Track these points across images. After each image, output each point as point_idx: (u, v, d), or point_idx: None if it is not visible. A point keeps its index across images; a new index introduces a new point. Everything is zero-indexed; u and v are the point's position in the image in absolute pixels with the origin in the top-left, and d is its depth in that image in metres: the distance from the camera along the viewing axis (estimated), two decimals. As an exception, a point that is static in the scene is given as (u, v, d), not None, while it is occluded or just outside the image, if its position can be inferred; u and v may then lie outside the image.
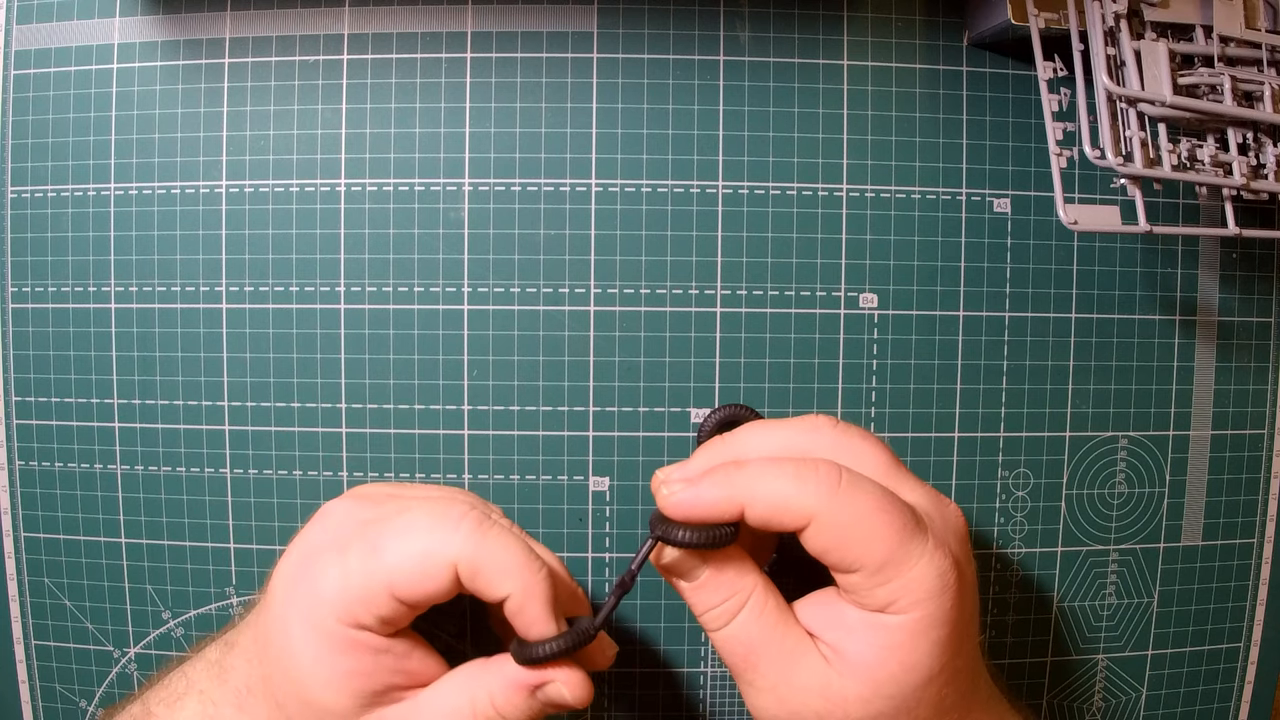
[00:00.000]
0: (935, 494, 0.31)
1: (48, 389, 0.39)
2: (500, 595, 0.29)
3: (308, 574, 0.29)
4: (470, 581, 0.28)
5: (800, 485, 0.28)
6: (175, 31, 0.39)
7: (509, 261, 0.39)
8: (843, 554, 0.28)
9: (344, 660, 0.29)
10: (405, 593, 0.28)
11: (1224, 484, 0.41)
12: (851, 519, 0.28)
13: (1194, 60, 0.35)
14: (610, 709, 0.40)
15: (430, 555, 0.28)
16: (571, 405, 0.39)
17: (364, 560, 0.28)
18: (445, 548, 0.28)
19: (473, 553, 0.28)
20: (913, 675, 0.28)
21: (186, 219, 0.39)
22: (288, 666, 0.29)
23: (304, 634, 0.29)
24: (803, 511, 0.28)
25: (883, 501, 0.28)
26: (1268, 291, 0.41)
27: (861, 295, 0.39)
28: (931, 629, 0.28)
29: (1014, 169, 0.39)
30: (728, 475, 0.29)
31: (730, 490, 0.28)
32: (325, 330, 0.39)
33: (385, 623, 0.29)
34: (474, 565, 0.28)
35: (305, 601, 0.29)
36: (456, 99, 0.38)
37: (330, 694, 0.29)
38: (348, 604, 0.28)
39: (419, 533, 0.29)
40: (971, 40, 0.39)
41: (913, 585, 0.28)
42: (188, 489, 0.39)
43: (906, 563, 0.28)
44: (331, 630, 0.28)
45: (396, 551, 0.28)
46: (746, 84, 0.39)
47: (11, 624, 0.40)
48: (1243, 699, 0.42)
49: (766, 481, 0.28)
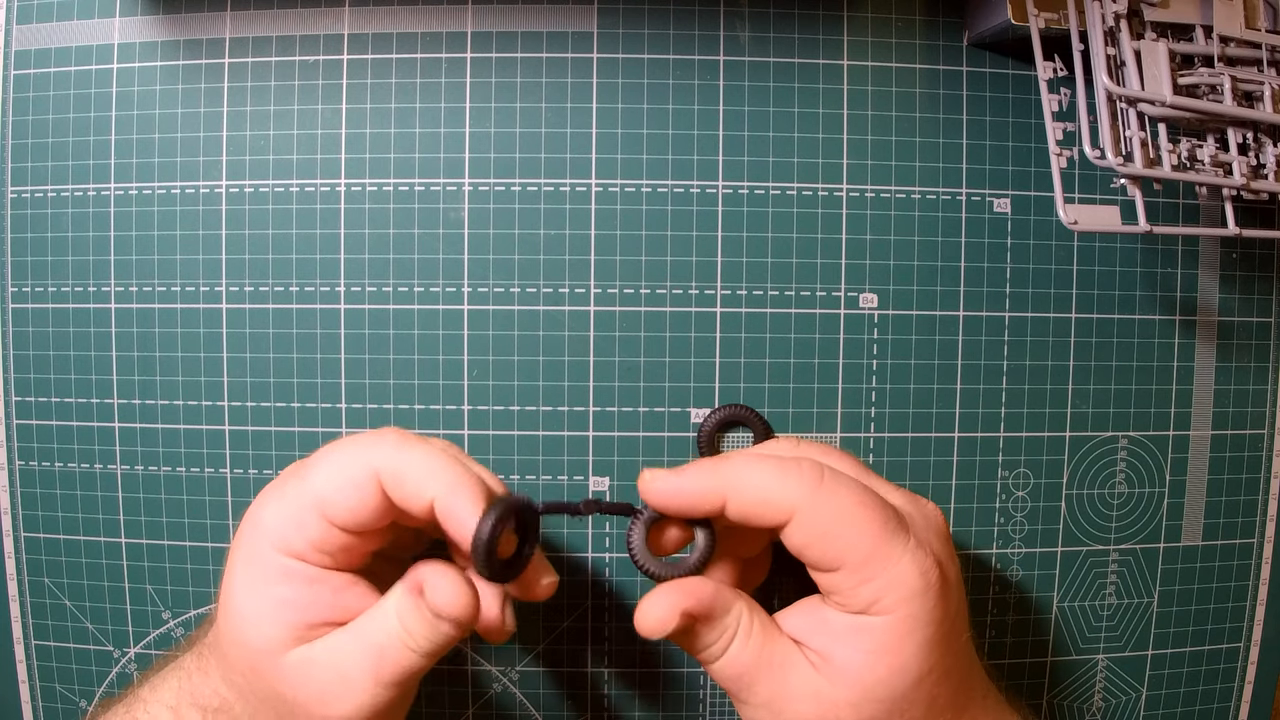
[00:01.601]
0: (912, 495, 0.32)
1: (48, 389, 0.39)
2: (426, 499, 0.28)
3: (250, 518, 0.30)
4: (396, 490, 0.28)
5: (783, 479, 0.28)
6: (175, 31, 0.39)
7: (509, 261, 0.39)
8: (824, 550, 0.28)
9: (276, 589, 0.29)
10: (333, 509, 0.28)
11: (1224, 484, 0.41)
12: (833, 514, 0.28)
13: (1194, 60, 0.35)
14: (611, 709, 0.40)
15: (352, 466, 0.28)
16: (571, 405, 0.39)
17: (295, 486, 0.29)
18: (367, 458, 0.28)
19: (394, 459, 0.28)
20: (901, 677, 0.28)
21: (186, 219, 0.39)
22: (229, 609, 0.29)
23: (245, 570, 0.29)
24: (785, 505, 0.28)
25: (864, 497, 0.28)
26: (1268, 291, 0.41)
27: (861, 295, 0.39)
28: (917, 629, 0.28)
29: (1014, 169, 0.39)
30: (712, 467, 0.29)
31: (713, 481, 0.29)
32: (325, 330, 0.39)
33: (319, 550, 0.29)
34: (396, 472, 0.28)
35: (247, 539, 0.29)
36: (456, 99, 0.38)
37: (262, 628, 0.29)
38: (281, 530, 0.29)
39: (343, 450, 0.29)
40: (971, 40, 0.39)
41: (895, 583, 0.28)
42: (188, 489, 0.39)
43: (889, 560, 0.28)
44: (267, 559, 0.29)
45: (322, 470, 0.29)
46: (746, 84, 0.39)
47: (11, 624, 0.40)
48: (1243, 699, 0.42)
49: (749, 474, 0.28)
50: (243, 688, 0.30)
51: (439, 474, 0.28)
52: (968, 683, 0.31)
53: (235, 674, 0.30)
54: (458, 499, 0.28)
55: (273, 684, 0.29)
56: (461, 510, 0.28)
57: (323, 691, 0.28)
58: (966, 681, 0.31)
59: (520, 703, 0.40)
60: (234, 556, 0.30)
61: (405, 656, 0.28)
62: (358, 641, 0.29)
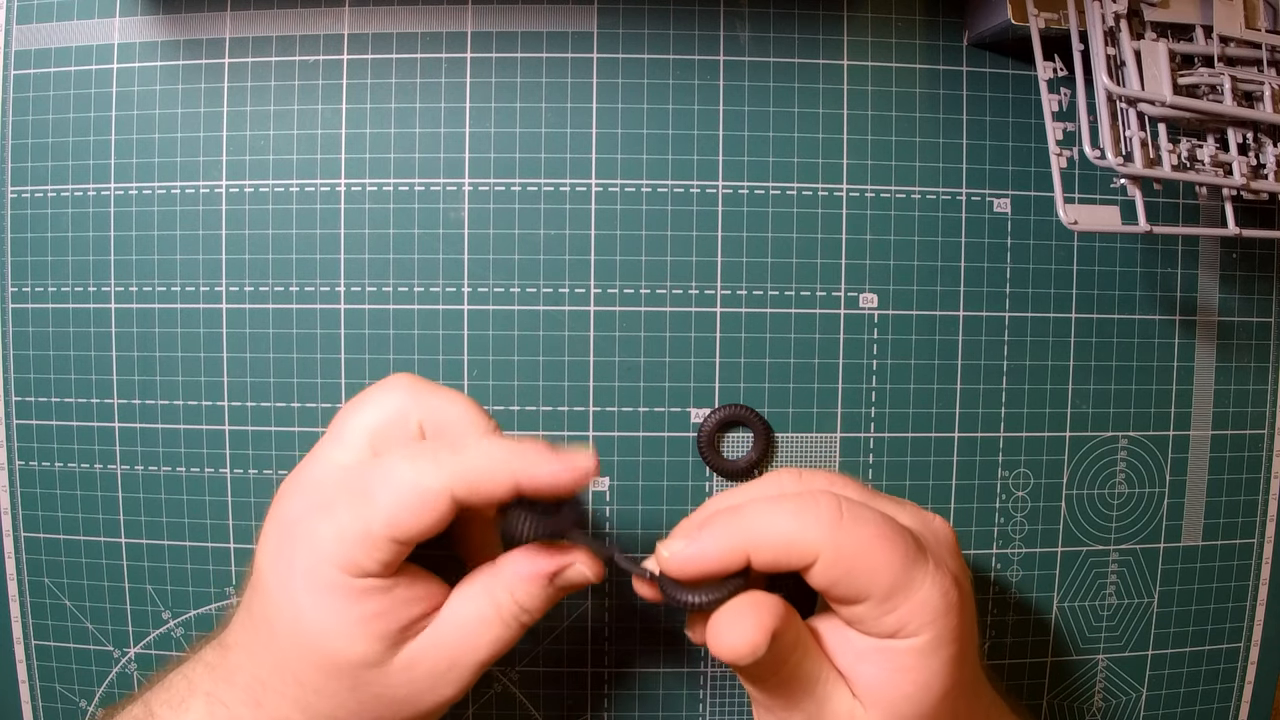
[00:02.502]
0: (918, 509, 0.31)
1: (48, 389, 0.39)
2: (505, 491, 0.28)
3: (298, 542, 0.29)
4: (473, 497, 0.28)
5: (802, 521, 0.28)
6: (175, 31, 0.39)
7: (509, 261, 0.39)
8: (849, 587, 0.27)
9: (359, 606, 0.28)
10: (406, 531, 0.28)
11: (1224, 484, 0.41)
12: (855, 551, 0.27)
13: (1194, 60, 0.35)
14: (610, 709, 0.40)
15: (423, 487, 0.28)
16: (571, 405, 0.39)
17: (357, 509, 0.28)
18: (437, 477, 0.28)
19: (462, 472, 0.28)
20: (927, 694, 0.28)
21: (186, 219, 0.39)
22: (302, 638, 0.29)
23: (312, 597, 0.28)
24: (809, 549, 0.27)
25: (884, 530, 0.28)
26: (1268, 291, 0.41)
27: (861, 295, 0.39)
28: (941, 648, 0.28)
29: (1014, 169, 0.39)
30: (726, 523, 0.28)
31: (731, 539, 0.28)
32: (325, 330, 0.39)
33: (386, 565, 0.28)
34: (468, 483, 0.28)
35: (304, 565, 0.29)
36: (456, 99, 0.38)
37: (357, 645, 0.28)
38: (349, 553, 0.28)
39: (404, 472, 0.28)
40: (971, 40, 0.39)
41: (919, 609, 0.27)
42: (188, 489, 0.39)
43: (911, 587, 0.27)
44: (338, 582, 0.28)
45: (389, 497, 0.28)
46: (746, 84, 0.39)
47: (11, 624, 0.40)
48: (1243, 699, 0.42)
49: (767, 522, 0.28)
50: (330, 709, 0.29)
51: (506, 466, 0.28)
52: (977, 691, 0.31)
53: (317, 696, 0.29)
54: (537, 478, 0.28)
55: (379, 691, 0.29)
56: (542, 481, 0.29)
57: (433, 681, 0.29)
58: (976, 690, 0.31)
59: (520, 703, 0.40)
60: (291, 588, 0.29)
61: (517, 633, 0.30)
62: (466, 629, 0.29)
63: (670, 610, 0.39)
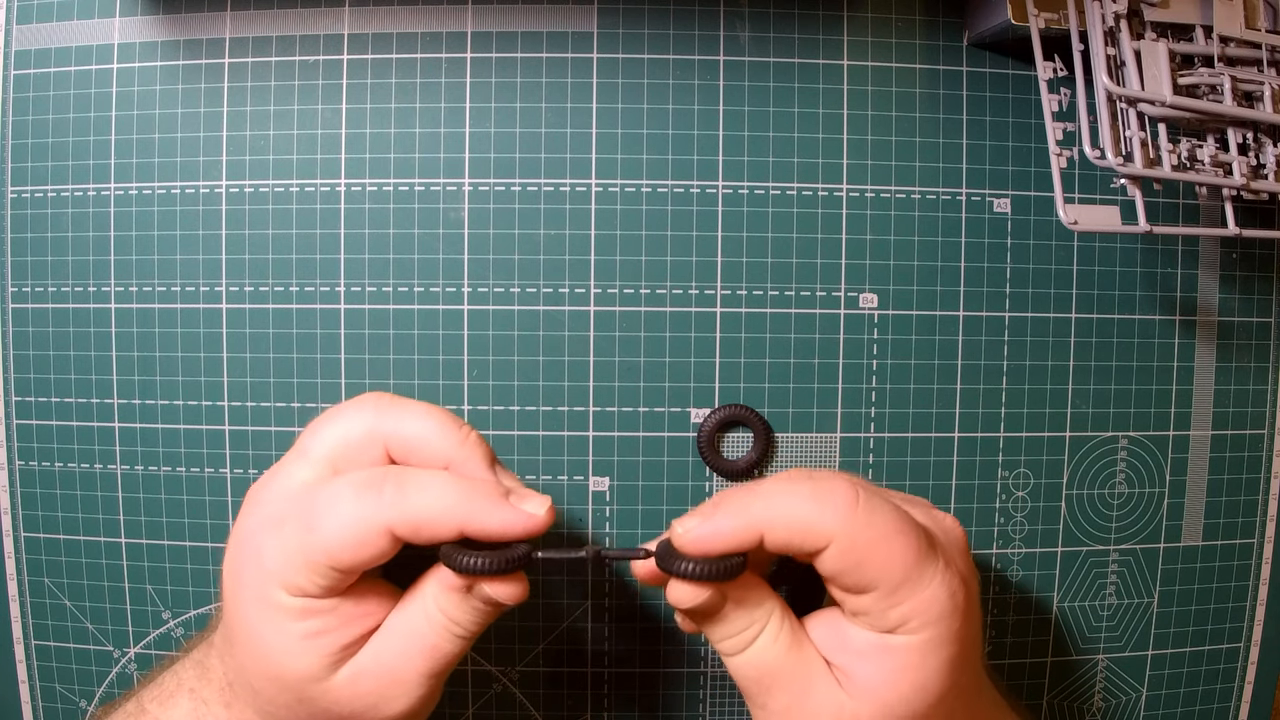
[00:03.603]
0: (929, 507, 0.31)
1: (48, 389, 0.39)
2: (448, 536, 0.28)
3: (249, 555, 0.29)
4: (415, 538, 0.28)
5: (819, 506, 0.27)
6: (175, 31, 0.39)
7: (509, 261, 0.39)
8: (859, 576, 0.27)
9: (301, 624, 0.29)
10: (344, 562, 0.28)
11: (1224, 484, 0.41)
12: (869, 541, 0.27)
13: (1194, 60, 0.35)
14: (610, 709, 0.40)
15: (364, 524, 0.28)
16: (571, 405, 0.39)
17: (300, 536, 0.28)
18: (377, 515, 0.28)
19: (404, 511, 0.28)
20: (923, 695, 0.28)
21: (186, 219, 0.39)
22: (253, 648, 0.29)
23: (259, 611, 0.29)
24: (823, 534, 0.27)
25: (900, 523, 0.28)
26: (1268, 291, 0.41)
27: (861, 295, 0.39)
28: (941, 648, 0.28)
29: (1014, 169, 0.39)
30: (743, 503, 0.28)
31: (747, 518, 0.28)
32: (325, 330, 0.39)
33: (327, 589, 0.29)
34: (412, 525, 0.28)
35: (252, 580, 0.29)
36: (456, 99, 0.38)
37: (299, 661, 0.29)
38: (290, 575, 0.28)
39: (348, 505, 0.28)
40: (971, 40, 0.39)
41: (924, 606, 0.27)
42: (188, 489, 0.39)
43: (919, 583, 0.27)
44: (280, 600, 0.28)
45: (330, 529, 0.28)
46: (746, 84, 0.39)
47: (11, 624, 0.40)
48: (1243, 699, 0.42)
49: (784, 505, 0.28)
50: (285, 717, 0.30)
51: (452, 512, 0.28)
52: (979, 694, 0.31)
53: (270, 705, 0.30)
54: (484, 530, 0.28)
55: (326, 705, 0.29)
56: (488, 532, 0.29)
57: (378, 696, 0.29)
58: (979, 693, 0.31)
59: (520, 703, 0.40)
60: (242, 600, 0.29)
61: (455, 645, 0.30)
62: (402, 642, 0.29)
63: (671, 610, 0.39)
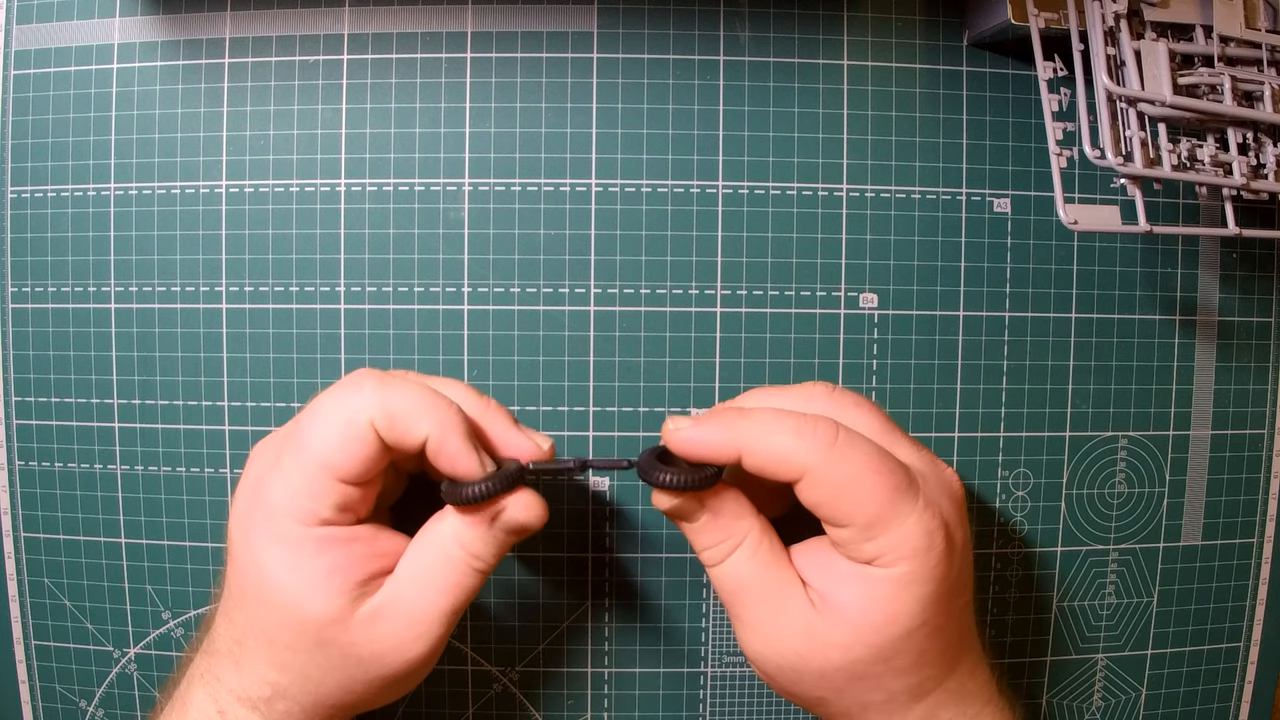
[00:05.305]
0: (932, 457, 0.32)
1: (48, 389, 0.39)
2: (420, 436, 0.29)
3: (257, 500, 0.30)
4: (390, 432, 0.29)
5: (798, 439, 0.29)
6: (175, 31, 0.39)
7: (509, 261, 0.39)
8: (834, 509, 0.29)
9: (319, 560, 0.29)
10: (341, 467, 0.29)
11: (1224, 484, 0.41)
12: (844, 477, 0.29)
13: (1194, 60, 0.35)
14: (610, 709, 0.40)
15: (346, 419, 0.29)
16: (571, 405, 0.39)
17: (295, 458, 0.29)
18: (356, 407, 0.29)
19: (383, 403, 0.29)
20: (894, 626, 0.29)
21: (186, 219, 0.39)
22: (267, 595, 0.29)
23: (274, 553, 0.29)
24: (797, 465, 0.29)
25: (876, 461, 0.29)
26: (1268, 291, 0.41)
27: (861, 295, 0.39)
28: (915, 584, 0.29)
29: (1014, 169, 0.39)
30: (731, 420, 0.30)
31: (732, 434, 0.30)
32: (325, 330, 0.39)
33: (342, 509, 0.29)
34: (388, 414, 0.29)
35: (262, 521, 0.29)
36: (456, 99, 0.38)
37: (318, 600, 0.29)
38: (299, 503, 0.29)
39: (330, 406, 0.29)
40: (971, 40, 0.39)
41: (899, 541, 0.29)
42: (188, 489, 0.39)
43: (895, 520, 0.29)
44: (296, 535, 0.29)
45: (317, 432, 0.29)
46: (746, 84, 0.39)
47: (11, 624, 0.40)
48: (1243, 699, 0.42)
49: (766, 431, 0.29)
50: (301, 665, 0.30)
51: (428, 413, 0.29)
52: (960, 645, 0.32)
53: (288, 653, 0.30)
54: (449, 438, 0.29)
55: (344, 649, 0.29)
56: (453, 447, 0.29)
57: (397, 639, 0.30)
58: (959, 643, 0.32)
59: (520, 703, 0.40)
60: (252, 542, 0.30)
61: (473, 579, 0.30)
62: (420, 581, 0.30)
63: (671, 610, 0.40)
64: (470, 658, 0.39)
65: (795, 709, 0.40)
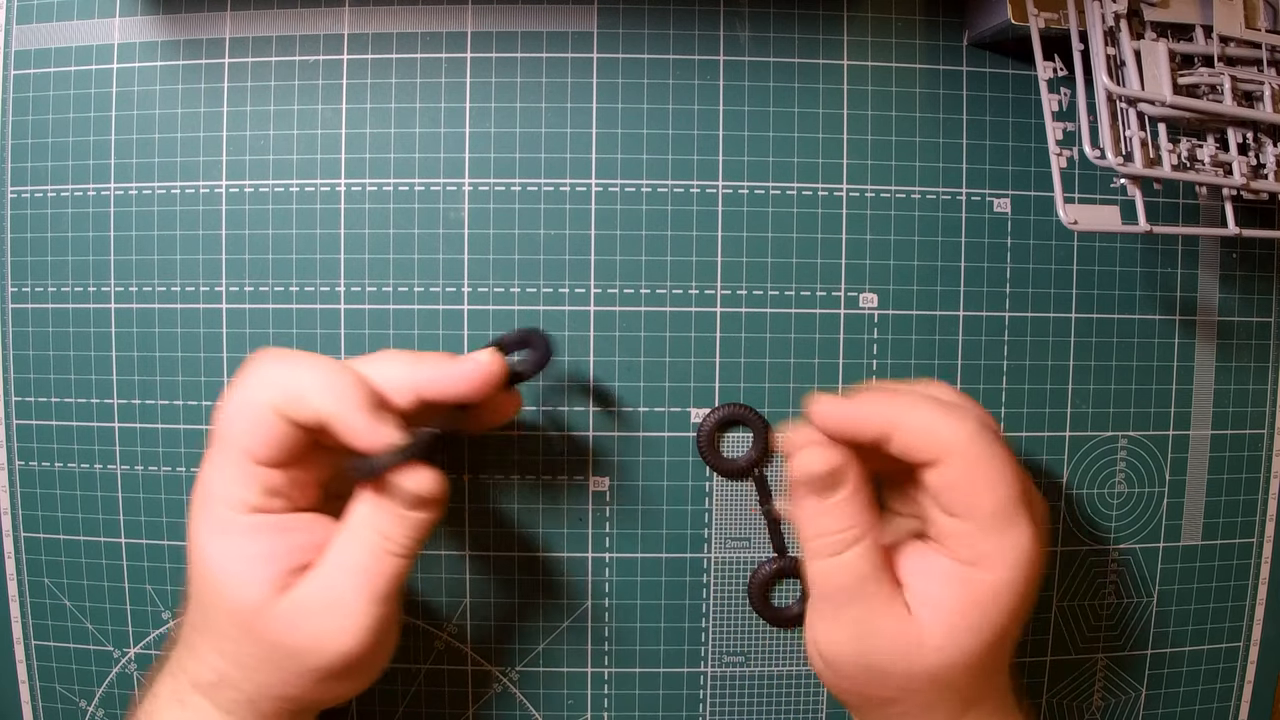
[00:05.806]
0: (1032, 484, 0.33)
1: (48, 389, 0.39)
2: (317, 412, 0.29)
3: (200, 493, 0.31)
4: (289, 410, 0.29)
5: (948, 422, 0.30)
6: (175, 31, 0.39)
7: (509, 261, 0.39)
8: (965, 496, 0.30)
9: (249, 548, 0.29)
10: (257, 452, 0.29)
11: (1224, 484, 0.41)
12: (982, 464, 0.29)
13: (1194, 60, 0.35)
14: (610, 709, 0.40)
15: (252, 406, 0.29)
16: (571, 405, 0.39)
17: (219, 445, 0.30)
18: (259, 394, 0.30)
19: (280, 382, 0.29)
20: (987, 631, 0.30)
21: (186, 219, 0.39)
22: (208, 582, 0.30)
23: (213, 541, 0.30)
24: (944, 446, 0.30)
25: (1011, 466, 0.30)
26: (1268, 291, 0.41)
27: (861, 295, 0.39)
28: (1012, 594, 0.30)
29: (1014, 169, 0.39)
30: (883, 399, 0.31)
31: (884, 411, 0.30)
32: (325, 330, 0.39)
33: (270, 494, 0.30)
34: (285, 393, 0.29)
35: (204, 511, 0.30)
36: (456, 99, 0.38)
37: (249, 588, 0.29)
38: (229, 490, 0.30)
39: (239, 394, 0.30)
40: (971, 40, 0.39)
41: (1010, 547, 0.29)
42: (188, 489, 0.39)
43: (1012, 524, 0.29)
44: (230, 522, 0.30)
45: (232, 421, 0.30)
46: (746, 84, 0.39)
47: (11, 624, 0.40)
48: (1243, 699, 0.42)
49: (919, 412, 0.30)
50: (237, 654, 0.30)
51: (325, 389, 0.29)
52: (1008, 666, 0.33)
53: (227, 642, 0.30)
54: (348, 415, 0.29)
55: (270, 638, 0.29)
56: (353, 423, 0.29)
57: (320, 629, 0.29)
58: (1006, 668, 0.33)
59: (520, 703, 0.40)
60: (196, 530, 0.30)
61: (390, 563, 0.30)
62: (339, 567, 0.30)
63: (671, 610, 0.40)
64: (470, 658, 0.39)
65: (795, 709, 0.40)
